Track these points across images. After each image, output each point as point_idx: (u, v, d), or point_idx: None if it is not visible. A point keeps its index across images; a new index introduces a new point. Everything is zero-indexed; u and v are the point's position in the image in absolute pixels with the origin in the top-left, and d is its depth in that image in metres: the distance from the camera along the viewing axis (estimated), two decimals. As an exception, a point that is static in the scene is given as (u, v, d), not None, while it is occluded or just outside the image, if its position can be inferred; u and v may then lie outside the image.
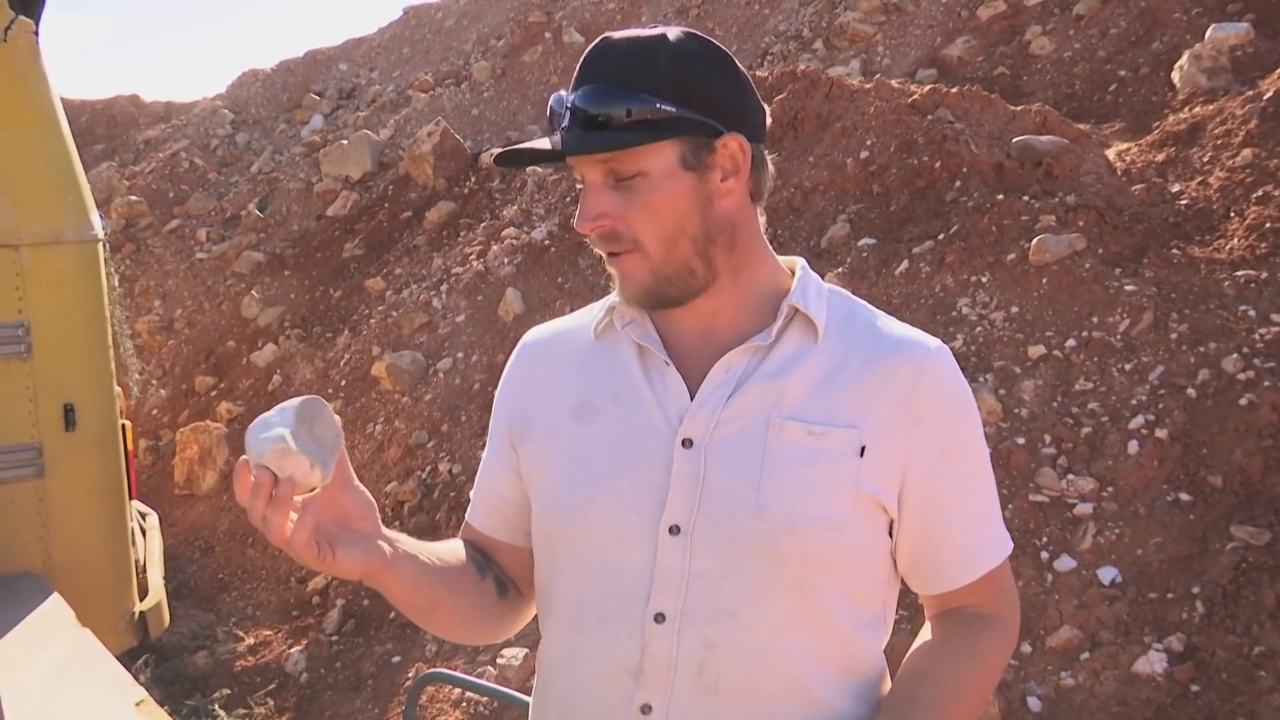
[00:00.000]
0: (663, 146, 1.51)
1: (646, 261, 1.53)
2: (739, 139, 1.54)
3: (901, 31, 10.42)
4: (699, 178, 1.53)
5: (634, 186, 1.51)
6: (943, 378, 1.58)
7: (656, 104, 1.49)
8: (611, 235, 1.53)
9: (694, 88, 1.52)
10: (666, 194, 1.52)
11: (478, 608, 1.70)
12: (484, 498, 1.78)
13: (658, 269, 1.54)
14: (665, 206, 1.52)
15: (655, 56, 1.51)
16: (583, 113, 1.49)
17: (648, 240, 1.52)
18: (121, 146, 15.78)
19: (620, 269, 1.56)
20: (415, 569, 1.54)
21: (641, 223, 1.52)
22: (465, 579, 1.67)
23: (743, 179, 1.57)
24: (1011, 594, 1.68)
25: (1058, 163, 6.29)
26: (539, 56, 12.99)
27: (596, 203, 1.53)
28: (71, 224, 4.69)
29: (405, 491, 6.83)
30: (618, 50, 1.52)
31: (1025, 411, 5.02)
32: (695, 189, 1.53)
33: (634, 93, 1.49)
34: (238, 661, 6.30)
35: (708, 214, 1.55)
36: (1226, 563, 4.23)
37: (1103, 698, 4.03)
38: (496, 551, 1.76)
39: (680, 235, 1.53)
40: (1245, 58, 7.10)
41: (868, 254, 6.30)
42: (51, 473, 4.57)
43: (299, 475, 1.37)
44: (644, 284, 1.55)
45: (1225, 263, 5.42)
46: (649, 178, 1.51)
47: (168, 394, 10.15)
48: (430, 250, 9.62)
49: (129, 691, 3.24)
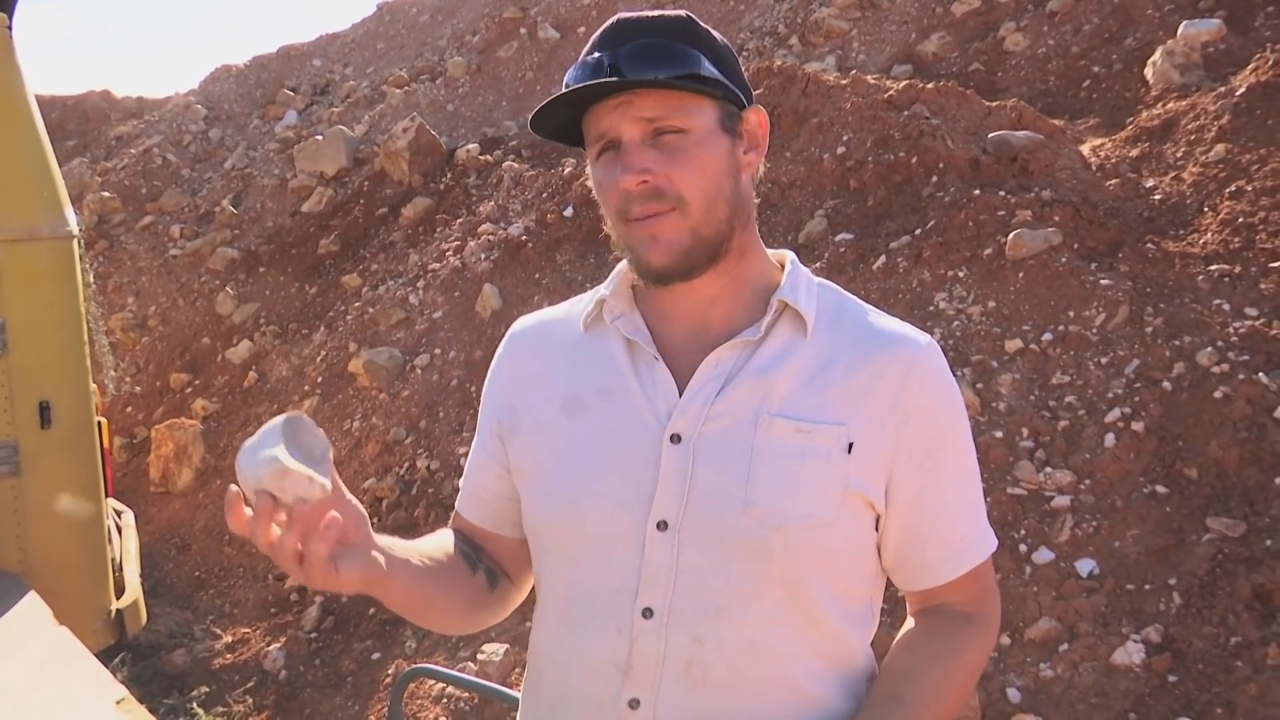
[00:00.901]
0: (705, 105, 1.50)
1: (687, 221, 1.50)
2: (761, 114, 1.57)
3: (876, 27, 10.44)
4: (732, 143, 1.54)
5: (676, 144, 1.49)
6: (932, 375, 1.58)
7: (703, 61, 1.49)
8: (655, 192, 1.49)
9: (725, 58, 1.54)
10: (709, 152, 1.51)
11: (470, 603, 1.70)
12: (472, 489, 1.79)
13: (697, 229, 1.51)
14: (709, 164, 1.51)
15: (690, 24, 1.53)
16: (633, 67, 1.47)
17: (692, 197, 1.50)
18: (93, 143, 15.66)
19: (656, 230, 1.51)
20: (409, 575, 1.54)
21: (686, 178, 1.49)
22: (457, 576, 1.67)
23: (761, 154, 1.58)
24: (993, 591, 1.69)
25: (1033, 158, 6.32)
26: (514, 52, 12.95)
27: (639, 158, 1.49)
28: (46, 220, 4.66)
29: (383, 488, 6.81)
30: (649, 21, 1.52)
31: (1003, 405, 5.05)
32: (729, 153, 1.54)
33: (683, 49, 1.49)
34: (216, 659, 6.27)
35: (736, 182, 1.55)
36: (1203, 554, 4.26)
37: (1082, 689, 4.06)
38: (486, 541, 1.77)
39: (719, 197, 1.52)
40: (1217, 54, 7.15)
41: (845, 249, 6.32)
42: (28, 470, 4.54)
43: (300, 492, 1.34)
44: (680, 246, 1.51)
45: (1199, 257, 5.46)
46: (692, 134, 1.49)
47: (142, 391, 10.09)
48: (407, 246, 9.59)
49: (109, 689, 3.23)
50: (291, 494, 1.33)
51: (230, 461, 8.38)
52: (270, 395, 8.83)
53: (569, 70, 1.53)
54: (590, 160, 1.57)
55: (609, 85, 1.46)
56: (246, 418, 8.76)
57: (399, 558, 1.52)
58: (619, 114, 1.49)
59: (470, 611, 1.71)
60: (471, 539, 1.78)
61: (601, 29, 1.54)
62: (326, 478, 1.37)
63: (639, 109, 1.48)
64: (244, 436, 7.30)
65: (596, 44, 1.52)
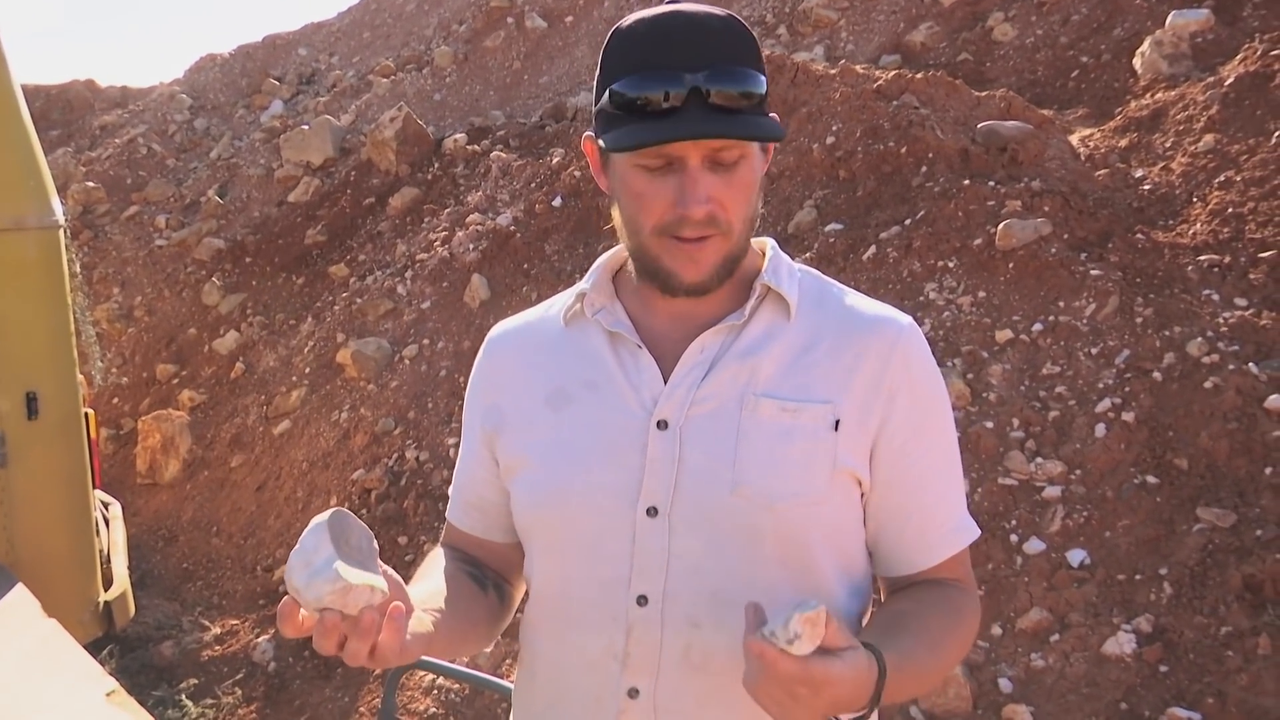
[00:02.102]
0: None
1: (727, 245, 1.52)
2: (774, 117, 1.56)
3: (865, 17, 10.43)
4: (764, 161, 1.56)
5: (731, 169, 1.48)
6: (914, 355, 1.59)
7: (764, 82, 1.49)
8: (711, 219, 1.49)
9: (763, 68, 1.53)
10: (754, 177, 1.52)
11: (489, 622, 1.72)
12: (464, 497, 1.78)
13: (733, 251, 1.53)
14: (752, 190, 1.52)
15: (749, 34, 1.51)
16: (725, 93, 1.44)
17: (739, 223, 1.52)
18: (77, 132, 15.57)
19: (698, 254, 1.51)
20: (448, 625, 1.53)
21: (738, 206, 1.50)
22: (476, 602, 1.67)
23: (769, 162, 1.59)
24: (973, 581, 1.68)
25: (1023, 148, 6.32)
26: (501, 42, 12.91)
27: (705, 186, 1.47)
28: (32, 210, 4.63)
29: (372, 479, 6.79)
30: (720, 25, 1.48)
31: (993, 395, 5.05)
32: (762, 168, 1.56)
33: (757, 74, 1.48)
34: (204, 651, 6.25)
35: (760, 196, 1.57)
36: (1193, 544, 4.27)
37: (1073, 679, 4.06)
38: (478, 547, 1.77)
39: (754, 216, 1.54)
40: (1206, 44, 7.16)
41: (835, 240, 6.32)
42: (14, 462, 4.51)
43: (364, 602, 1.31)
44: (716, 267, 1.52)
45: (1189, 247, 5.47)
46: (749, 160, 1.50)
47: (129, 382, 10.04)
48: (394, 237, 9.56)
49: (99, 682, 3.21)
50: (355, 606, 1.30)
51: (218, 453, 8.36)
52: (258, 386, 8.80)
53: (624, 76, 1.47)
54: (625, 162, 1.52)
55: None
56: (234, 409, 8.73)
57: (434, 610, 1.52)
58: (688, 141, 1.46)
59: (490, 630, 1.73)
60: (467, 551, 1.77)
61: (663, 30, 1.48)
62: (380, 576, 1.34)
63: (711, 141, 1.46)
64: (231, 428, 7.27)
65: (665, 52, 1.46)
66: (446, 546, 1.79)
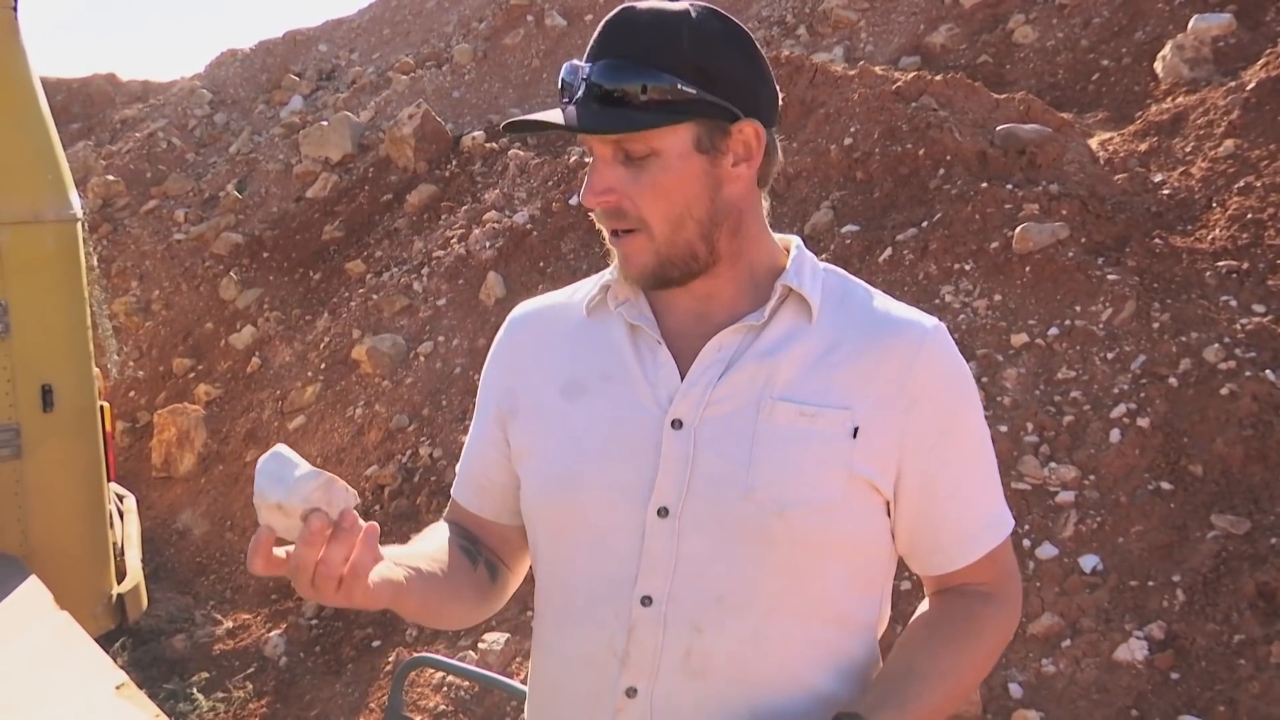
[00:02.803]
0: (678, 128, 1.48)
1: (651, 243, 1.51)
2: (755, 125, 1.52)
3: (885, 18, 10.40)
4: (711, 161, 1.51)
5: (645, 165, 1.48)
6: (939, 358, 1.56)
7: (677, 84, 1.45)
8: (617, 212, 1.50)
9: (715, 69, 1.48)
10: (677, 175, 1.49)
11: (475, 597, 1.69)
12: (470, 476, 1.76)
13: (661, 251, 1.51)
14: (675, 188, 1.49)
15: (678, 33, 1.48)
16: (599, 87, 1.46)
17: (654, 221, 1.50)
18: (98, 126, 15.63)
19: (623, 249, 1.53)
20: (423, 583, 1.52)
21: (649, 203, 1.49)
22: (462, 573, 1.65)
23: (754, 165, 1.55)
24: (1013, 573, 1.67)
25: (1041, 151, 6.30)
26: (521, 39, 12.92)
27: (604, 177, 1.49)
28: (50, 203, 4.65)
29: (385, 475, 6.81)
30: (640, 22, 1.49)
31: (1008, 399, 5.03)
32: (706, 172, 1.51)
33: (654, 70, 1.45)
34: (216, 645, 6.27)
35: (715, 198, 1.52)
36: (1207, 551, 4.25)
37: (1084, 685, 4.04)
38: (481, 527, 1.75)
39: (686, 218, 1.50)
40: (1227, 48, 7.12)
41: (851, 241, 6.30)
42: (29, 454, 4.54)
43: (342, 502, 1.31)
44: (646, 265, 1.52)
45: (1207, 253, 5.44)
46: (661, 158, 1.48)
47: (145, 376, 10.09)
48: (411, 233, 9.57)
49: (109, 675, 3.22)
50: (338, 507, 1.31)
51: (233, 447, 8.38)
52: (273, 381, 8.83)
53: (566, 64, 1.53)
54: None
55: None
56: (249, 403, 8.76)
57: (412, 569, 1.51)
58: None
59: (476, 605, 1.70)
60: (467, 528, 1.76)
61: (606, 19, 1.52)
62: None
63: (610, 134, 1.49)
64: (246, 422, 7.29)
65: (594, 40, 1.51)
66: (448, 522, 1.78)
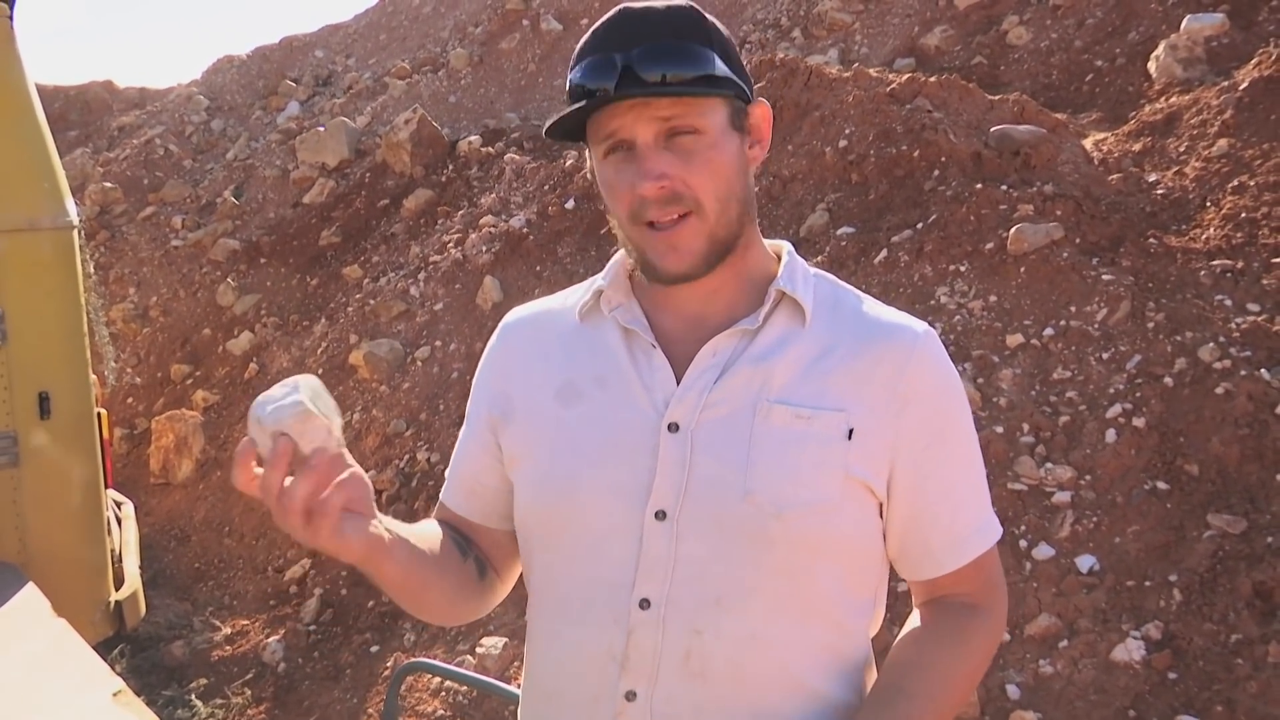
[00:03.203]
0: (717, 104, 1.49)
1: (705, 225, 1.50)
2: (765, 107, 1.55)
3: (879, 20, 10.42)
4: (742, 140, 1.53)
5: (690, 146, 1.47)
6: (931, 362, 1.57)
7: (715, 60, 1.47)
8: (673, 196, 1.48)
9: (730, 52, 1.52)
10: (723, 153, 1.50)
11: (461, 590, 1.68)
12: (461, 480, 1.76)
13: (714, 232, 1.51)
14: (723, 165, 1.50)
15: (699, 18, 1.50)
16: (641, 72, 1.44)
17: (708, 200, 1.49)
18: (95, 133, 15.64)
19: (673, 240, 1.50)
20: (408, 552, 1.51)
21: (703, 181, 1.48)
22: (450, 560, 1.65)
23: (765, 148, 1.57)
24: (999, 582, 1.68)
25: (1035, 152, 6.30)
26: (517, 44, 12.93)
27: (655, 163, 1.47)
28: (46, 211, 4.65)
29: (383, 480, 6.81)
30: (657, 14, 1.49)
31: (1003, 400, 5.04)
32: (740, 151, 1.53)
33: (695, 48, 1.47)
34: (215, 651, 6.27)
35: (746, 179, 1.54)
36: (1203, 551, 4.25)
37: (1081, 685, 4.05)
38: (470, 531, 1.74)
39: (731, 198, 1.51)
40: (1221, 48, 7.13)
41: (846, 243, 6.31)
42: (26, 461, 4.53)
43: (319, 440, 1.32)
44: (699, 251, 1.51)
45: (1201, 252, 5.44)
46: (706, 135, 1.48)
47: (143, 382, 10.08)
48: (408, 238, 9.58)
49: (106, 682, 3.21)
50: (311, 442, 1.32)
51: (230, 453, 8.37)
52: (271, 386, 8.81)
53: (574, 67, 1.51)
54: (597, 158, 1.55)
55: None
56: (247, 409, 8.73)
57: (399, 534, 1.50)
58: (633, 115, 1.47)
59: (459, 598, 1.68)
60: (459, 531, 1.75)
61: (606, 21, 1.51)
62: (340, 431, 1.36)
63: (655, 109, 1.46)
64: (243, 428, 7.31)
65: (603, 39, 1.49)
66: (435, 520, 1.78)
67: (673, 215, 1.49)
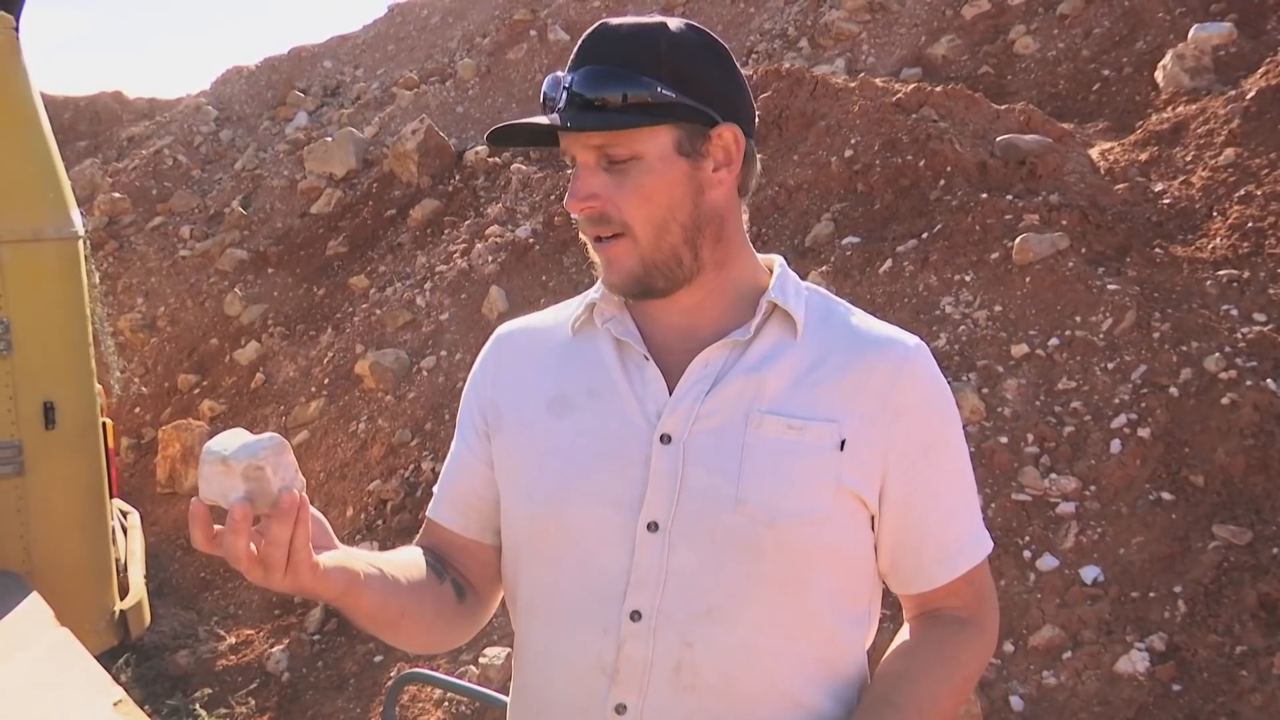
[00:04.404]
0: (658, 131, 1.50)
1: (636, 248, 1.51)
2: (734, 130, 1.54)
3: (886, 30, 10.42)
4: (693, 165, 1.52)
5: (627, 170, 1.49)
6: (922, 375, 1.57)
7: (656, 87, 1.48)
8: (601, 217, 1.51)
9: (693, 75, 1.51)
10: (660, 178, 1.50)
11: (439, 615, 1.65)
12: (453, 494, 1.74)
13: (646, 256, 1.52)
14: (658, 191, 1.50)
15: (656, 42, 1.51)
16: (580, 95, 1.48)
17: (638, 225, 1.51)
18: (105, 143, 15.70)
19: (607, 255, 1.54)
20: (382, 583, 1.49)
21: (633, 206, 1.50)
22: (425, 586, 1.62)
23: (734, 171, 1.56)
24: (990, 595, 1.67)
25: (1041, 162, 6.30)
26: (524, 54, 12.96)
27: (588, 183, 1.50)
28: (52, 221, 4.66)
29: (388, 490, 6.81)
30: (617, 35, 1.51)
31: (1008, 410, 5.02)
32: (689, 176, 1.52)
33: (633, 76, 1.48)
34: (219, 661, 6.27)
35: (698, 203, 1.53)
36: (1208, 562, 4.24)
37: (1085, 697, 4.03)
38: (460, 551, 1.72)
39: (670, 222, 1.51)
40: (1228, 57, 7.12)
41: (851, 252, 6.30)
42: (31, 471, 4.54)
43: (288, 478, 1.30)
44: (631, 271, 1.53)
45: (1208, 262, 5.43)
46: (643, 161, 1.49)
47: (150, 392, 10.10)
48: (414, 248, 9.59)
49: (107, 691, 3.21)
50: (282, 478, 1.30)
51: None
52: (277, 396, 8.84)
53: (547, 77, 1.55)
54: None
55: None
56: (254, 419, 8.77)
57: (371, 567, 1.49)
58: (571, 138, 1.52)
59: (437, 623, 1.65)
60: (441, 551, 1.72)
61: (585, 34, 1.54)
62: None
63: (589, 136, 1.50)
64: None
65: (575, 52, 1.53)
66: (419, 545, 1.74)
67: (604, 233, 1.52)
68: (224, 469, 1.30)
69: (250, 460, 1.29)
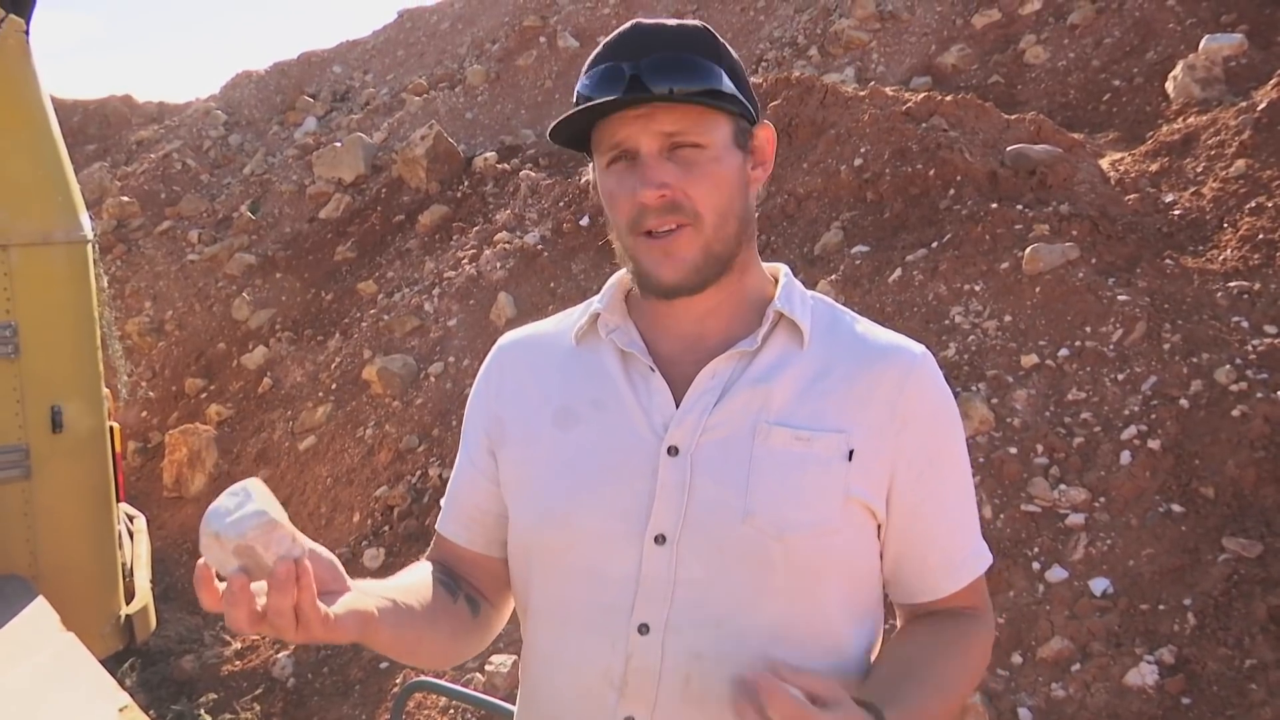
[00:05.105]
0: (722, 121, 1.50)
1: (700, 237, 1.49)
2: (769, 129, 1.56)
3: (896, 39, 10.42)
4: (744, 159, 1.53)
5: (693, 158, 1.48)
6: (929, 383, 1.57)
7: (723, 77, 1.48)
8: (672, 205, 1.48)
9: (738, 72, 1.53)
10: (725, 168, 1.50)
11: (456, 634, 1.64)
12: (460, 508, 1.73)
13: (710, 245, 1.50)
14: (724, 180, 1.50)
15: (709, 36, 1.51)
16: (655, 79, 1.45)
17: (707, 212, 1.49)
18: (114, 147, 15.74)
19: (667, 248, 1.50)
20: (395, 615, 1.47)
21: (703, 193, 1.48)
22: (439, 607, 1.61)
23: (768, 170, 1.57)
24: (989, 601, 1.67)
25: (1051, 172, 6.28)
26: (533, 61, 12.97)
27: (657, 172, 1.47)
28: (60, 225, 4.67)
29: (395, 496, 6.81)
30: (667, 30, 1.51)
31: (1018, 421, 5.01)
32: (741, 170, 1.53)
33: (706, 64, 1.48)
34: (225, 666, 6.26)
35: (746, 198, 1.54)
36: (1218, 574, 4.21)
37: (1094, 709, 4.01)
38: (470, 564, 1.71)
39: (730, 214, 1.51)
40: (1239, 68, 7.11)
41: (861, 261, 6.29)
42: (38, 474, 4.54)
43: (284, 549, 1.28)
44: (692, 262, 1.50)
45: (1218, 273, 5.41)
46: (708, 149, 1.48)
47: (157, 396, 10.11)
48: (422, 254, 9.60)
49: (113, 696, 3.21)
50: (275, 552, 1.27)
51: (244, 467, 8.39)
52: (284, 401, 8.84)
53: (582, 78, 1.52)
54: (599, 168, 1.55)
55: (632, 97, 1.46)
56: (260, 423, 8.77)
57: (385, 601, 1.47)
58: (638, 126, 1.47)
59: (455, 642, 1.65)
60: (451, 565, 1.72)
61: (618, 34, 1.52)
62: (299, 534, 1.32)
63: (660, 122, 1.47)
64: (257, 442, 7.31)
65: (613, 51, 1.50)
66: (430, 560, 1.74)
67: (670, 224, 1.48)
68: (218, 544, 1.28)
69: (239, 540, 1.27)
